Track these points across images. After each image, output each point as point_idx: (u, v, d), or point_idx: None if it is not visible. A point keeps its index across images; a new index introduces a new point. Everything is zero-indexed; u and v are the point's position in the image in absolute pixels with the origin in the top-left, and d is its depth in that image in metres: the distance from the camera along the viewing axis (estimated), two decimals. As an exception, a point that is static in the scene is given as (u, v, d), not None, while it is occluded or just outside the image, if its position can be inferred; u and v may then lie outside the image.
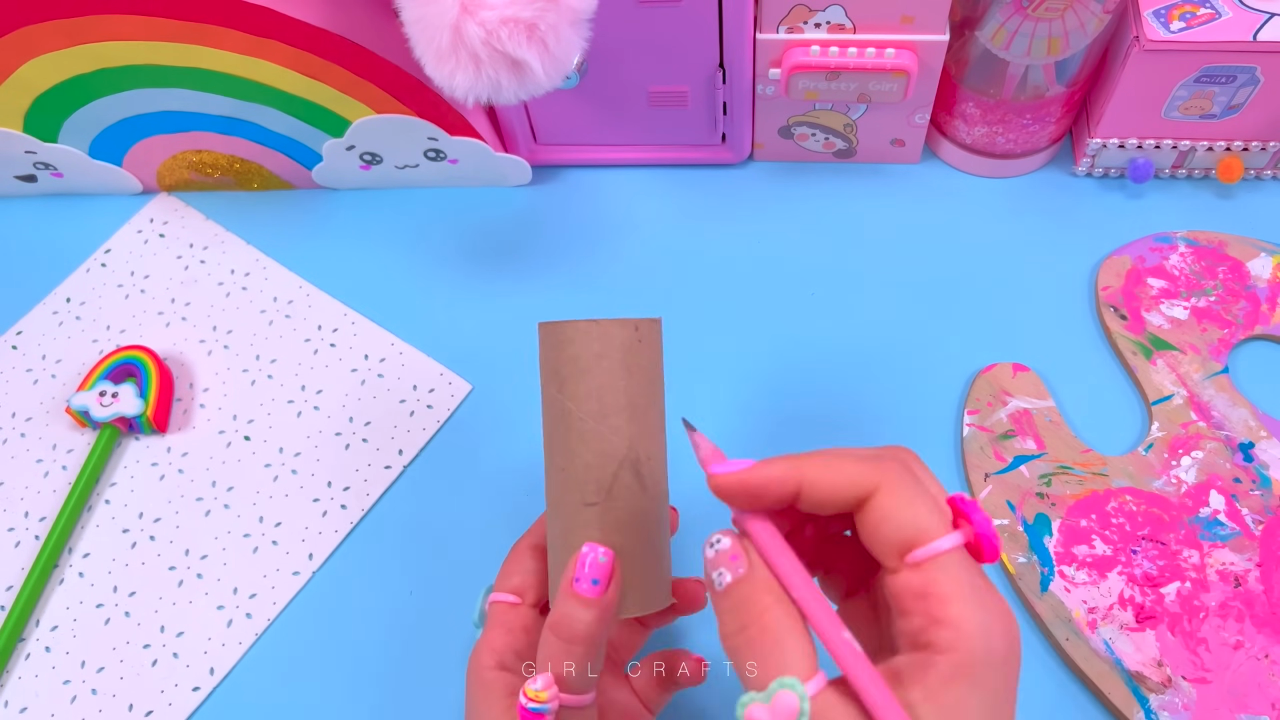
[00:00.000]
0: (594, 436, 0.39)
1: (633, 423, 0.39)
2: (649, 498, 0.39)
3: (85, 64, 0.55)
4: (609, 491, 0.39)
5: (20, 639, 0.52)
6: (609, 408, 0.39)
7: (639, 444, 0.39)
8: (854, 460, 0.33)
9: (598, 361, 0.38)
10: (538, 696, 0.36)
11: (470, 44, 0.44)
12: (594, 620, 0.37)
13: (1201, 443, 0.52)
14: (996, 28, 0.53)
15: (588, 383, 0.39)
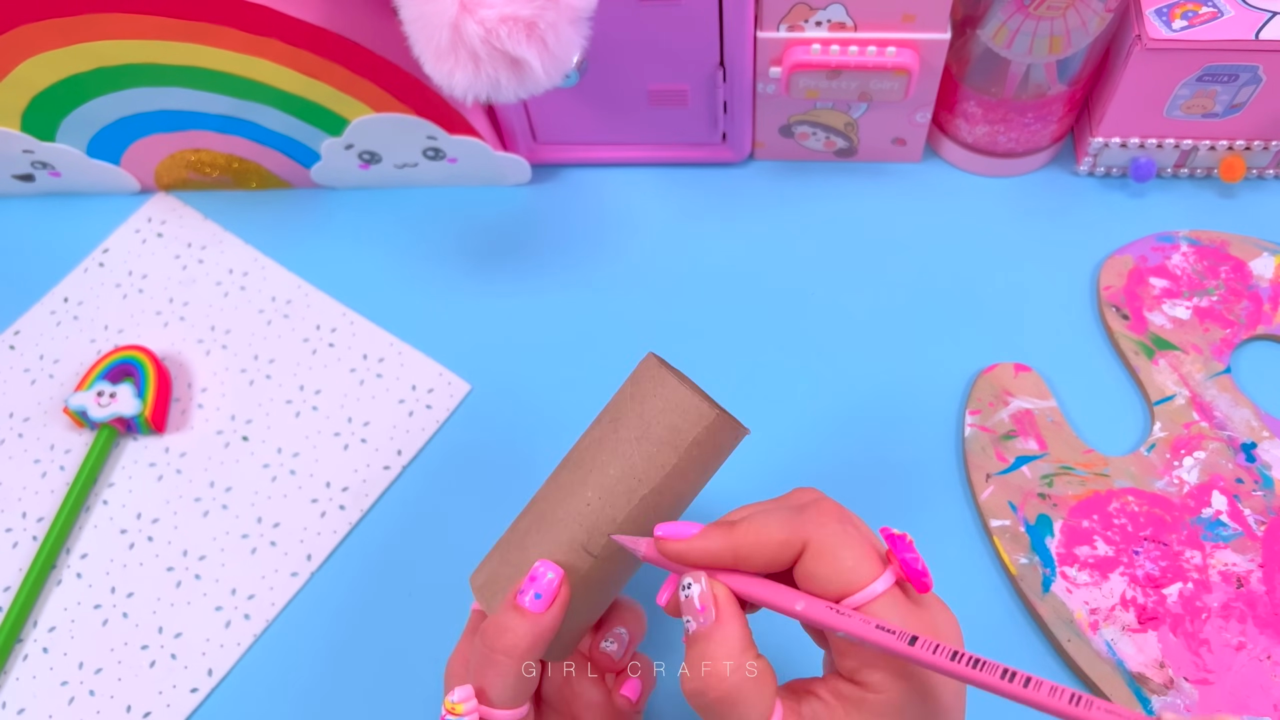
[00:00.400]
0: (638, 504, 0.39)
1: (675, 510, 0.40)
2: (628, 570, 0.40)
3: (83, 63, 0.55)
4: (614, 555, 0.39)
5: (18, 640, 0.52)
6: (670, 490, 0.39)
7: (667, 493, 0.40)
8: (779, 522, 0.34)
9: (693, 446, 0.39)
10: (454, 708, 0.36)
11: (469, 42, 0.44)
12: (527, 634, 0.37)
13: (1204, 443, 0.52)
14: (998, 26, 0.53)
15: (670, 458, 0.39)
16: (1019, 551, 0.50)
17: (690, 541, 0.35)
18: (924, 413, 0.55)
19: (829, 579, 0.33)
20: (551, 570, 0.38)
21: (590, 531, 0.39)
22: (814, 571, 0.34)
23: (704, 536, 0.35)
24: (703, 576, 0.35)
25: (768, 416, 0.56)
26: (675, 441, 0.39)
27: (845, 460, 0.54)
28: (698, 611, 0.35)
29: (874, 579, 0.33)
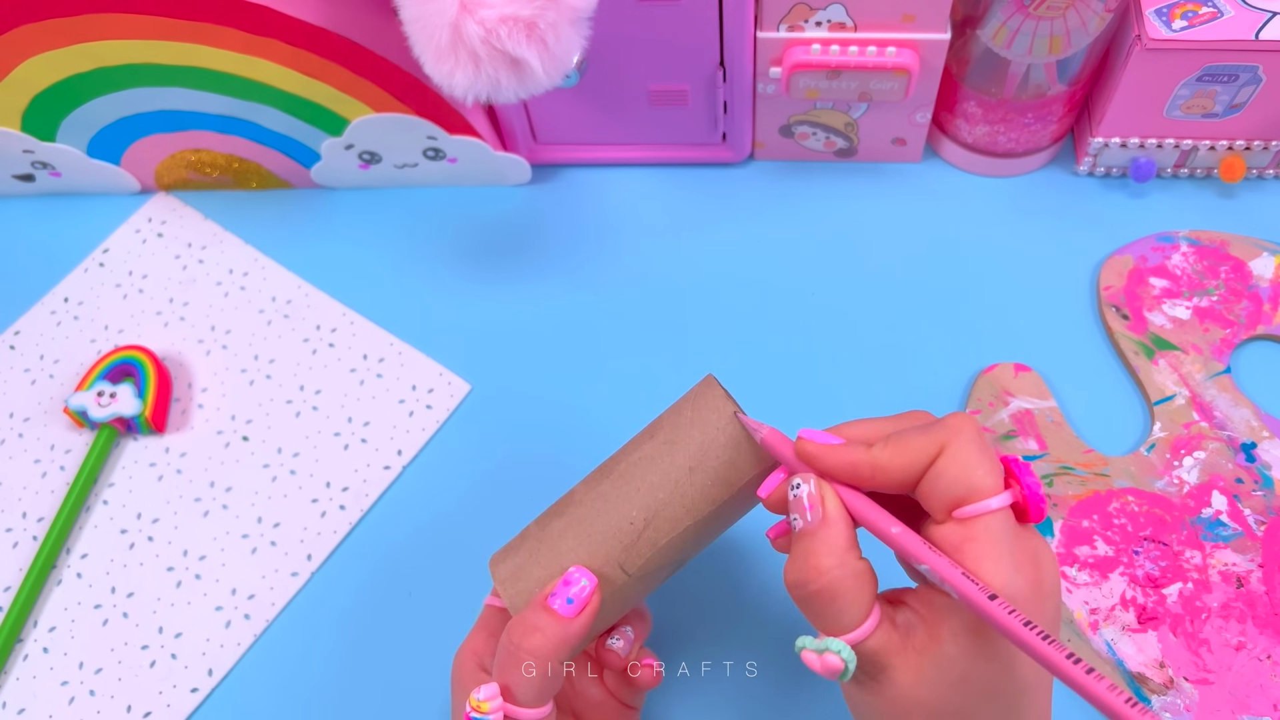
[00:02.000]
0: (681, 533, 0.39)
1: (709, 539, 0.40)
2: (652, 588, 0.41)
3: (83, 63, 0.55)
4: (646, 576, 0.39)
5: (18, 640, 0.52)
6: (716, 523, 0.40)
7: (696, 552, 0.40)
8: (920, 435, 0.35)
9: (747, 485, 0.39)
10: (479, 707, 0.36)
11: (469, 42, 0.44)
12: (555, 636, 0.37)
13: (1204, 443, 0.52)
14: (998, 26, 0.53)
15: (722, 494, 0.39)
16: (1019, 551, 0.50)
17: (832, 449, 0.36)
18: (924, 413, 0.55)
19: (955, 481, 0.33)
20: (586, 578, 0.38)
21: (628, 551, 0.39)
22: (943, 471, 0.34)
23: (848, 448, 0.35)
24: (811, 478, 0.36)
25: (767, 416, 0.55)
26: (731, 479, 0.39)
27: (845, 460, 0.54)
28: (805, 509, 0.35)
29: (995, 494, 0.33)
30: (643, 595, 0.41)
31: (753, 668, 0.49)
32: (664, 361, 0.57)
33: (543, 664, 0.37)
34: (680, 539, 0.39)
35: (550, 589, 0.38)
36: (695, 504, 0.39)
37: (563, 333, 0.59)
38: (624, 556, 0.39)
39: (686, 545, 0.40)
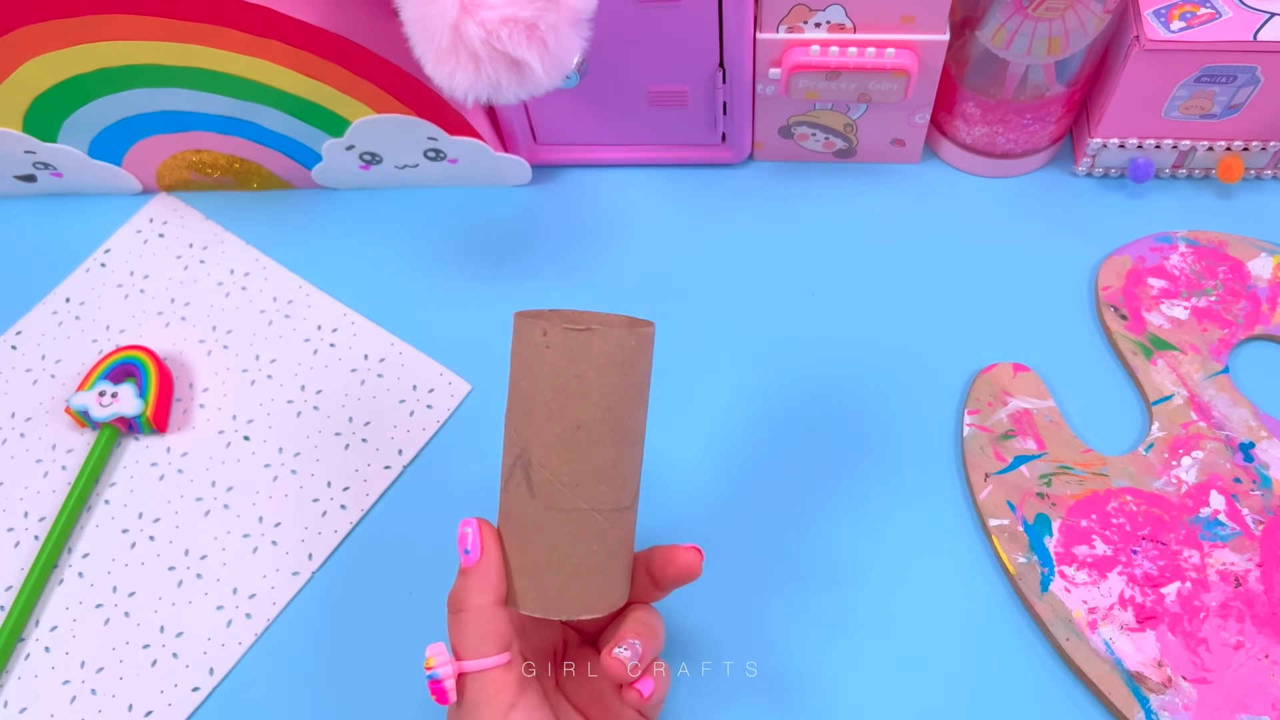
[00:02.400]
0: (508, 430, 0.41)
1: (530, 425, 0.40)
2: (536, 505, 0.40)
3: (85, 64, 0.55)
4: (504, 485, 0.41)
5: (20, 639, 0.52)
6: (527, 404, 0.40)
7: (535, 449, 0.40)
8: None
9: (541, 356, 0.39)
10: (427, 662, 0.40)
11: (470, 43, 0.44)
12: (468, 585, 0.40)
13: (1202, 443, 0.52)
14: (997, 27, 0.53)
15: (532, 379, 0.40)
16: (1017, 551, 0.50)
17: None
18: (922, 412, 0.55)
19: None
20: (468, 525, 0.41)
21: (530, 478, 0.40)
22: None
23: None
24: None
25: (767, 415, 0.56)
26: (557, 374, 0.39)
27: (844, 459, 0.54)
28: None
29: None
30: (525, 525, 0.41)
31: (753, 668, 0.49)
32: (663, 361, 0.57)
33: (473, 614, 0.40)
34: (509, 438, 0.40)
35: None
36: (519, 402, 0.40)
37: (563, 333, 0.59)
38: (531, 486, 0.40)
39: (514, 440, 0.40)
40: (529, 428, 0.40)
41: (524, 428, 0.40)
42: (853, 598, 0.51)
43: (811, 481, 0.54)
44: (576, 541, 0.40)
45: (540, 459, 0.39)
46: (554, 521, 0.40)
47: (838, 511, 0.53)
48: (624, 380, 0.39)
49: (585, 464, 0.39)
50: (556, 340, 0.39)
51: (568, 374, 0.39)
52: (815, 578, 0.51)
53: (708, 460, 0.55)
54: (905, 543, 0.52)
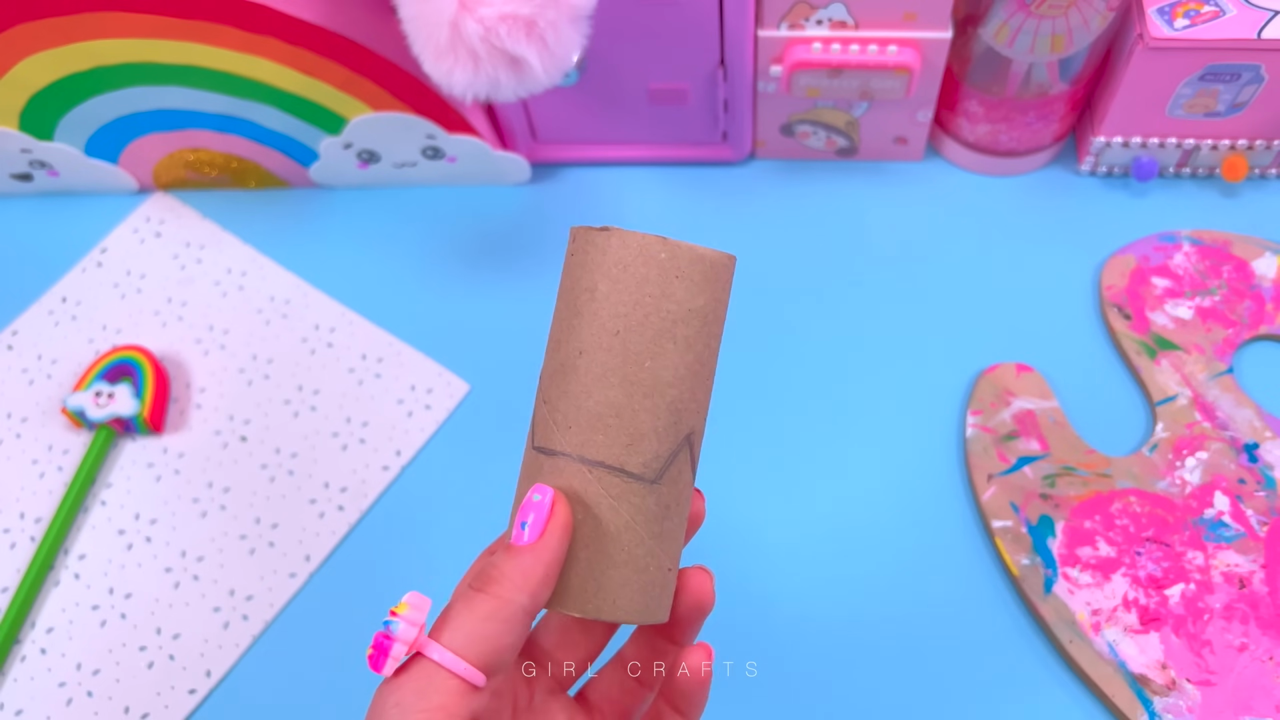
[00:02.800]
0: (675, 391, 0.32)
1: (547, 351, 0.33)
2: (529, 447, 0.33)
3: (81, 62, 0.54)
4: (662, 471, 0.32)
5: (16, 641, 0.52)
6: (552, 326, 0.33)
7: (543, 379, 0.33)
8: None
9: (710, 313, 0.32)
10: (398, 607, 0.29)
11: (469, 41, 0.44)
12: (506, 570, 0.30)
13: (1206, 443, 0.52)
14: (1000, 25, 0.53)
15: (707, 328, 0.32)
16: (1021, 552, 0.50)
17: None
18: (925, 413, 0.55)
19: None
20: (540, 493, 0.31)
21: (651, 453, 0.32)
22: None
23: None
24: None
25: (767, 415, 0.55)
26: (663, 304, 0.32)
27: (845, 460, 0.54)
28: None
29: None
30: (661, 521, 0.33)
31: (753, 668, 0.49)
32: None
33: (490, 602, 0.30)
34: (683, 407, 0.32)
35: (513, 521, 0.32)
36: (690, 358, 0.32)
37: (562, 332, 0.58)
38: (629, 454, 0.32)
39: (691, 413, 0.33)
40: (546, 354, 0.33)
41: (546, 356, 0.33)
42: (853, 598, 0.50)
43: (811, 479, 0.54)
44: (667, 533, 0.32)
45: (544, 391, 0.33)
46: (539, 468, 0.33)
47: (837, 510, 0.53)
48: (646, 302, 0.31)
49: (583, 402, 0.32)
50: (577, 245, 0.32)
51: (579, 286, 0.32)
52: (815, 576, 0.51)
53: (707, 460, 0.54)
54: (907, 544, 0.52)
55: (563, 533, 0.31)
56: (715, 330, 0.33)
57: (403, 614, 0.29)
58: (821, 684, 0.49)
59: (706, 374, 0.33)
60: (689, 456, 0.33)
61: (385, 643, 0.29)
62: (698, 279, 0.32)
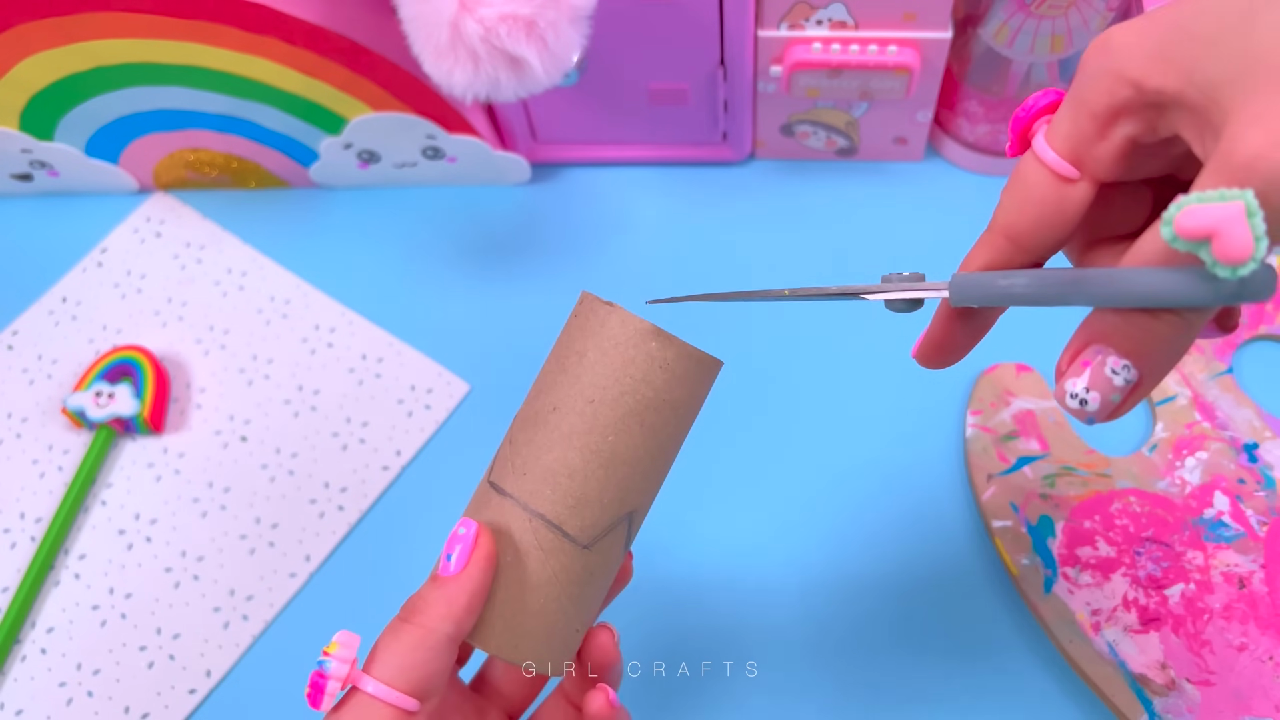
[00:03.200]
0: (619, 475, 0.34)
1: (528, 396, 0.35)
2: (483, 480, 0.36)
3: (81, 62, 0.54)
4: (597, 539, 0.34)
5: (16, 641, 0.52)
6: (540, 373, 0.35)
7: (515, 422, 0.35)
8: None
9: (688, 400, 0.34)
10: (329, 646, 0.32)
11: (469, 41, 0.44)
12: (430, 599, 0.32)
13: (1206, 443, 0.52)
14: (999, 25, 0.53)
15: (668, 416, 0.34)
16: (1020, 552, 0.50)
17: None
18: (925, 413, 0.55)
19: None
20: (465, 527, 0.33)
21: (560, 507, 0.34)
22: None
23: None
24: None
25: (767, 415, 0.55)
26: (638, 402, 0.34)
27: (846, 460, 0.54)
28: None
29: None
30: (593, 569, 0.35)
31: (753, 668, 0.49)
32: (664, 361, 0.57)
33: (415, 632, 0.32)
34: (626, 488, 0.34)
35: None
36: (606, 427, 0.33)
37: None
38: (555, 512, 0.33)
39: (633, 494, 0.34)
40: (527, 398, 0.35)
41: (526, 400, 0.35)
42: (853, 599, 0.50)
43: (812, 480, 0.54)
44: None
45: (512, 432, 0.35)
46: (487, 502, 0.35)
47: (837, 510, 0.53)
48: (625, 381, 0.33)
49: (543, 455, 0.34)
50: (582, 310, 0.34)
51: (572, 347, 0.34)
52: (816, 573, 0.51)
53: (706, 461, 0.54)
54: (907, 544, 0.52)
55: (486, 564, 0.33)
56: (684, 424, 0.35)
57: (334, 653, 0.31)
58: (821, 683, 0.49)
59: (665, 461, 0.35)
60: (626, 532, 0.35)
61: (320, 681, 0.31)
62: (679, 373, 0.34)
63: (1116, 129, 0.28)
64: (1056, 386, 0.28)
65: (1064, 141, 0.29)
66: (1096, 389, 0.26)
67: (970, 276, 0.32)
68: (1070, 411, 0.28)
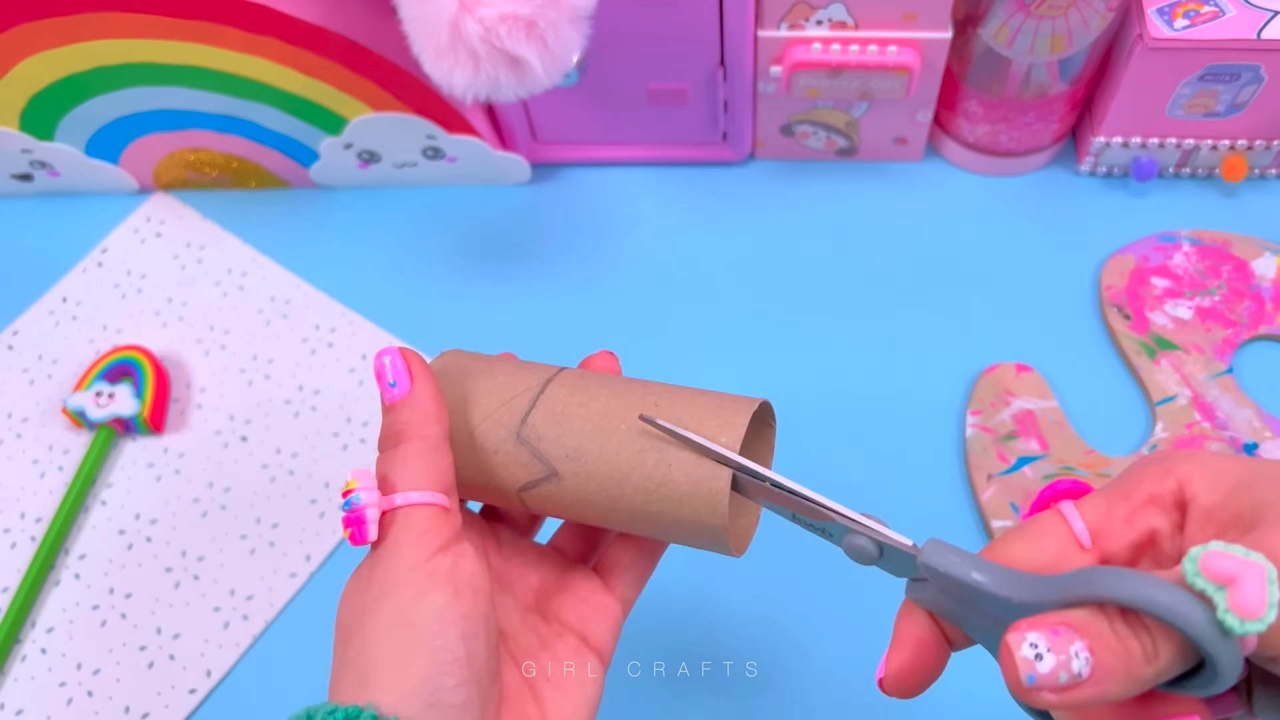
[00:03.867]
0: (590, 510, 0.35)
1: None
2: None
3: (81, 62, 0.54)
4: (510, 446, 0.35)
5: (16, 641, 0.52)
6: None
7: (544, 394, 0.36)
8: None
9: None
10: (347, 485, 0.32)
11: (469, 41, 0.44)
12: (403, 418, 0.33)
13: (1205, 443, 0.52)
14: (999, 25, 0.53)
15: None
16: (1020, 552, 0.50)
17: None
18: (925, 413, 0.55)
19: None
20: (386, 355, 0.34)
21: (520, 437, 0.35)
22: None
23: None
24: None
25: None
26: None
27: (846, 460, 0.54)
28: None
29: None
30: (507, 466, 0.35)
31: (753, 668, 0.49)
32: (664, 361, 0.57)
33: (414, 444, 0.33)
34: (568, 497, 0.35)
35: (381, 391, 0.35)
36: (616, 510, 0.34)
37: (562, 332, 0.58)
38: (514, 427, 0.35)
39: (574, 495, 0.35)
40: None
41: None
42: (853, 598, 0.50)
43: (812, 480, 0.54)
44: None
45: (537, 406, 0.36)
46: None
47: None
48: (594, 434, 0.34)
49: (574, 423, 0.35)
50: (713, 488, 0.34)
51: (578, 390, 0.36)
52: (815, 577, 0.51)
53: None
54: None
55: (423, 366, 0.34)
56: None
57: (358, 486, 0.32)
58: (821, 684, 0.49)
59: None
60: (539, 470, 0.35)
61: (358, 516, 0.32)
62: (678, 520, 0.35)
63: (1144, 518, 0.29)
64: (1011, 632, 0.27)
65: (1091, 515, 0.30)
66: (1055, 653, 0.26)
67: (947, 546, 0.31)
68: (1016, 663, 0.27)
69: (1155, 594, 0.25)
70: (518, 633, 0.36)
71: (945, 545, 0.32)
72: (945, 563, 0.31)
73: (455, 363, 0.37)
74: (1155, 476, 0.29)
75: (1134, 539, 0.29)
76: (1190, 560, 0.25)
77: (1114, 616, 0.26)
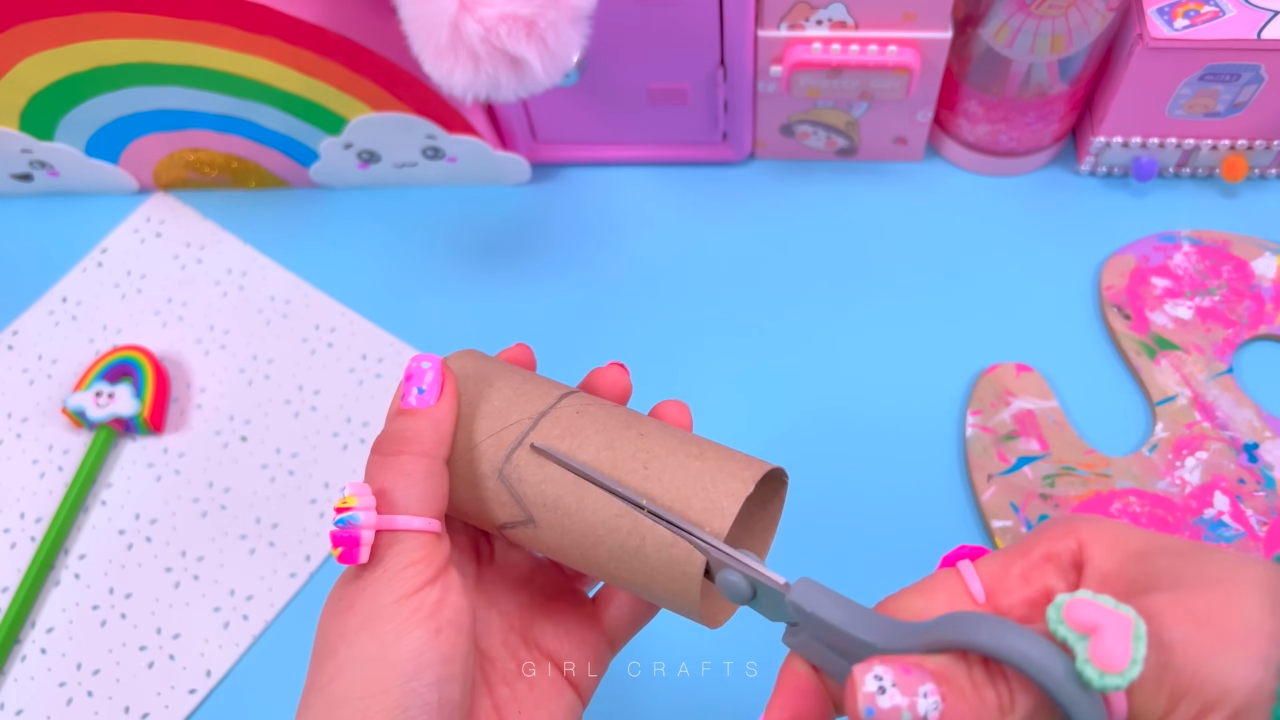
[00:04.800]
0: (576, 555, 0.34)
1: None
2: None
3: (81, 62, 0.54)
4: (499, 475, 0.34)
5: (16, 641, 0.52)
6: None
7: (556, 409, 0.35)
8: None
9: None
10: (346, 501, 0.31)
11: (469, 41, 0.44)
12: (414, 428, 0.33)
13: (1206, 443, 0.52)
14: (999, 25, 0.53)
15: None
16: (1020, 552, 0.50)
17: None
18: (925, 413, 0.55)
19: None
20: (427, 360, 0.34)
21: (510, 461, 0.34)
22: None
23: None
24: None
25: (767, 416, 0.55)
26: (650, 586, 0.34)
27: (846, 461, 0.54)
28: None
29: None
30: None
31: (753, 668, 0.49)
32: (664, 361, 0.57)
33: (417, 461, 0.32)
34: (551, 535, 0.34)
35: (397, 396, 0.34)
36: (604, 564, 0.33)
37: (562, 332, 0.58)
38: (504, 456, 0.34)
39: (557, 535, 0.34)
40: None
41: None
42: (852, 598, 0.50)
43: (813, 480, 0.54)
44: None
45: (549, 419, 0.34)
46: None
47: (838, 511, 0.53)
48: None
49: (592, 435, 0.34)
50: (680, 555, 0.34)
51: (586, 412, 0.35)
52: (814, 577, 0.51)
53: (708, 461, 0.54)
54: (907, 544, 0.51)
55: (455, 389, 0.34)
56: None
57: (357, 504, 0.31)
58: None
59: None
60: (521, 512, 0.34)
61: (353, 536, 0.31)
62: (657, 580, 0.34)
63: (1041, 576, 0.29)
64: (860, 664, 0.27)
65: (987, 571, 0.29)
66: (902, 691, 0.25)
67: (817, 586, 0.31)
68: (858, 696, 0.26)
69: (1013, 641, 0.24)
70: (497, 656, 0.35)
71: (816, 585, 0.31)
72: (811, 602, 0.30)
73: (472, 368, 0.36)
74: (1056, 535, 0.29)
75: (1029, 595, 0.28)
76: (1055, 607, 0.25)
77: (974, 664, 0.26)
